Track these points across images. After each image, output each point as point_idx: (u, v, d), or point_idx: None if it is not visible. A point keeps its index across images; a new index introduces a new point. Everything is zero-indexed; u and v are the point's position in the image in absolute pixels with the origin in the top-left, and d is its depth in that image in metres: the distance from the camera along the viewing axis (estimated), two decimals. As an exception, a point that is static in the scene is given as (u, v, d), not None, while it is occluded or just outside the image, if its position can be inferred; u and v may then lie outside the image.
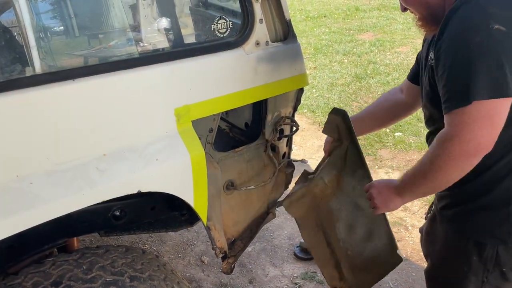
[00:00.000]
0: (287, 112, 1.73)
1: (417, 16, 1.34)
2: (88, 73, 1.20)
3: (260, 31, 1.52)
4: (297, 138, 4.14)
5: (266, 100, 1.63)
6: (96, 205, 1.25)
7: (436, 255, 1.48)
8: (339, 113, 1.59)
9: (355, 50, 6.49)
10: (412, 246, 2.69)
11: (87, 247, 1.45)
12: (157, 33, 1.53)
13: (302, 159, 3.77)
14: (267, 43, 1.55)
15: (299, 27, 8.14)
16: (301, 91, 1.72)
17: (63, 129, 1.17)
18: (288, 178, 1.91)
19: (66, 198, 1.16)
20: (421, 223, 2.86)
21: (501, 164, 1.23)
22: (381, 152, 3.75)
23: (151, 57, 1.38)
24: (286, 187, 1.93)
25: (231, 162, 1.67)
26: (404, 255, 1.48)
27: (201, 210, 1.50)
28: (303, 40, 7.25)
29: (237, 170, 1.71)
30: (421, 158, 1.27)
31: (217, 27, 1.46)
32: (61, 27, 1.50)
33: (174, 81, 1.36)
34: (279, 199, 1.93)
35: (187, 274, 2.55)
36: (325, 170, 1.73)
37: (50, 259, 1.34)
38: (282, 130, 1.76)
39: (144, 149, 1.30)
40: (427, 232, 1.56)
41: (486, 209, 1.28)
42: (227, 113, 1.93)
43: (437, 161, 1.18)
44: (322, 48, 6.78)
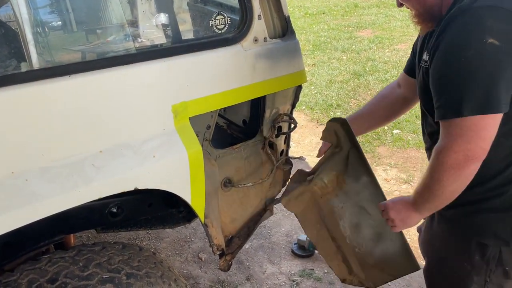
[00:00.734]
0: (285, 109, 1.72)
1: (413, 13, 1.33)
2: (84, 69, 1.19)
3: (259, 28, 1.51)
4: (295, 135, 4.13)
5: (264, 97, 1.62)
6: (93, 202, 1.24)
7: (435, 255, 1.48)
8: (338, 120, 1.61)
9: (354, 47, 6.48)
10: (410, 244, 2.68)
11: (84, 244, 1.45)
12: (155, 29, 1.52)
13: (300, 156, 3.77)
14: (266, 40, 1.54)
15: (298, 24, 8.12)
16: (300, 88, 1.71)
17: (59, 126, 1.16)
18: (286, 175, 1.91)
19: (62, 195, 1.15)
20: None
21: (508, 172, 1.24)
22: (379, 150, 3.75)
23: (149, 53, 1.37)
24: (284, 184, 1.92)
25: (229, 159, 1.66)
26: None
27: (199, 207, 1.50)
28: (302, 37, 7.24)
29: (235, 167, 1.70)
30: (425, 172, 1.30)
31: (215, 23, 1.45)
32: (58, 22, 1.49)
33: (172, 77, 1.34)
34: (277, 196, 1.93)
35: (185, 271, 2.55)
36: (324, 171, 1.72)
37: (46, 256, 1.34)
38: (280, 127, 1.75)
39: (141, 146, 1.29)
40: (426, 231, 1.56)
41: (491, 212, 1.28)
42: (225, 110, 1.92)
43: (435, 174, 1.21)
44: (321, 45, 6.77)
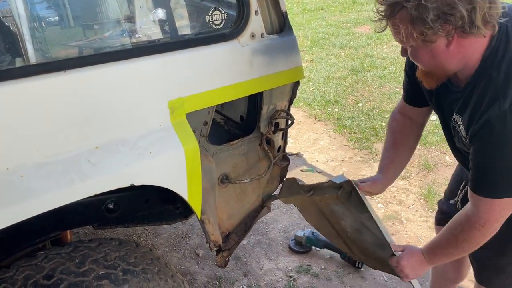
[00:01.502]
0: (283, 105, 1.72)
1: (424, 69, 1.28)
2: (80, 64, 1.18)
3: (256, 23, 1.50)
4: (293, 132, 4.13)
5: (262, 93, 1.61)
6: (89, 198, 1.24)
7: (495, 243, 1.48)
8: (349, 183, 1.57)
9: (352, 43, 6.47)
10: (407, 240, 2.70)
11: (80, 240, 1.45)
12: (152, 24, 1.51)
13: (298, 153, 3.77)
14: (263, 35, 1.53)
15: (296, 20, 8.10)
16: (297, 84, 1.71)
17: (54, 121, 1.16)
18: (283, 172, 1.90)
19: (58, 191, 1.14)
20: (416, 217, 2.88)
21: None
22: (377, 146, 3.75)
23: (145, 49, 1.36)
24: (281, 181, 1.92)
25: (226, 156, 1.66)
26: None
27: (195, 204, 1.50)
28: (300, 33, 7.22)
29: (232, 164, 1.70)
30: (445, 231, 1.38)
31: (212, 19, 1.44)
32: (55, 17, 1.48)
33: (168, 73, 1.34)
34: (274, 193, 1.92)
35: (182, 267, 2.55)
36: (326, 191, 1.67)
37: (42, 252, 1.33)
38: (278, 124, 1.74)
39: (137, 142, 1.29)
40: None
41: None
42: (222, 106, 1.92)
43: (464, 235, 1.31)
44: (319, 41, 6.75)
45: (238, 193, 1.77)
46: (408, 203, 3.02)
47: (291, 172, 3.40)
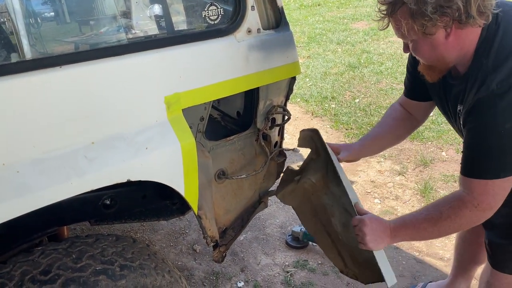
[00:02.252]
0: (279, 101, 1.72)
1: (425, 63, 1.34)
2: (76, 60, 1.18)
3: (252, 18, 1.50)
4: (290, 128, 4.13)
5: (258, 89, 1.61)
6: (86, 194, 1.24)
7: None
8: (310, 130, 1.67)
9: (349, 39, 6.47)
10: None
11: (77, 236, 1.44)
12: (148, 20, 1.51)
13: (294, 148, 3.77)
14: (259, 31, 1.53)
15: (293, 16, 8.08)
16: (294, 80, 1.71)
17: (51, 117, 1.15)
18: (280, 167, 1.91)
19: (54, 187, 1.14)
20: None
21: None
22: (374, 142, 3.76)
23: (141, 44, 1.35)
24: (278, 176, 1.92)
25: (223, 151, 1.66)
26: (395, 281, 1.51)
27: (192, 199, 1.50)
28: (297, 29, 7.21)
29: (229, 159, 1.70)
30: (429, 206, 1.37)
31: (208, 14, 1.44)
32: (51, 13, 1.47)
33: (164, 69, 1.33)
34: (271, 188, 1.93)
35: (179, 263, 2.55)
36: (310, 172, 1.74)
37: (39, 248, 1.33)
38: (274, 119, 1.75)
39: (134, 138, 1.28)
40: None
41: None
42: (219, 102, 1.92)
43: (449, 215, 1.30)
44: (316, 37, 6.75)
45: (235, 189, 1.77)
46: (405, 199, 3.04)
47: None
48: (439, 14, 1.12)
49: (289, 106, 1.76)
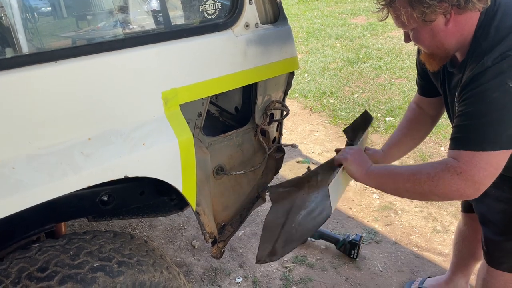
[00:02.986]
0: (278, 96, 1.71)
1: (427, 52, 1.34)
2: (72, 55, 1.16)
3: (250, 13, 1.49)
4: (289, 123, 4.13)
5: (256, 84, 1.60)
6: (83, 190, 1.23)
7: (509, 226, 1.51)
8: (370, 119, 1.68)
9: (348, 34, 6.45)
10: (402, 230, 2.71)
11: (75, 233, 1.44)
12: (145, 14, 1.49)
13: (293, 144, 3.76)
14: (257, 25, 1.52)
15: (292, 11, 8.05)
16: (292, 75, 1.70)
17: (47, 113, 1.14)
18: (278, 163, 1.90)
19: (50, 184, 1.13)
20: (411, 207, 2.89)
21: None
22: (372, 137, 3.76)
23: (138, 39, 1.34)
24: (276, 172, 1.92)
25: (221, 147, 1.65)
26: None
27: (190, 195, 1.49)
28: (296, 24, 7.19)
29: (227, 155, 1.69)
30: (417, 166, 1.35)
31: (205, 8, 1.42)
32: (47, 8, 1.46)
33: (161, 64, 1.32)
34: (269, 184, 1.92)
35: (178, 259, 2.55)
36: (323, 169, 1.68)
37: (36, 245, 1.32)
38: (272, 115, 1.74)
39: (131, 133, 1.27)
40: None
41: None
42: (217, 97, 1.90)
43: (433, 181, 1.25)
44: (315, 32, 6.73)
45: (233, 185, 1.77)
46: (403, 194, 3.03)
47: (287, 163, 3.40)
48: (438, 1, 1.13)
49: (288, 102, 1.75)
